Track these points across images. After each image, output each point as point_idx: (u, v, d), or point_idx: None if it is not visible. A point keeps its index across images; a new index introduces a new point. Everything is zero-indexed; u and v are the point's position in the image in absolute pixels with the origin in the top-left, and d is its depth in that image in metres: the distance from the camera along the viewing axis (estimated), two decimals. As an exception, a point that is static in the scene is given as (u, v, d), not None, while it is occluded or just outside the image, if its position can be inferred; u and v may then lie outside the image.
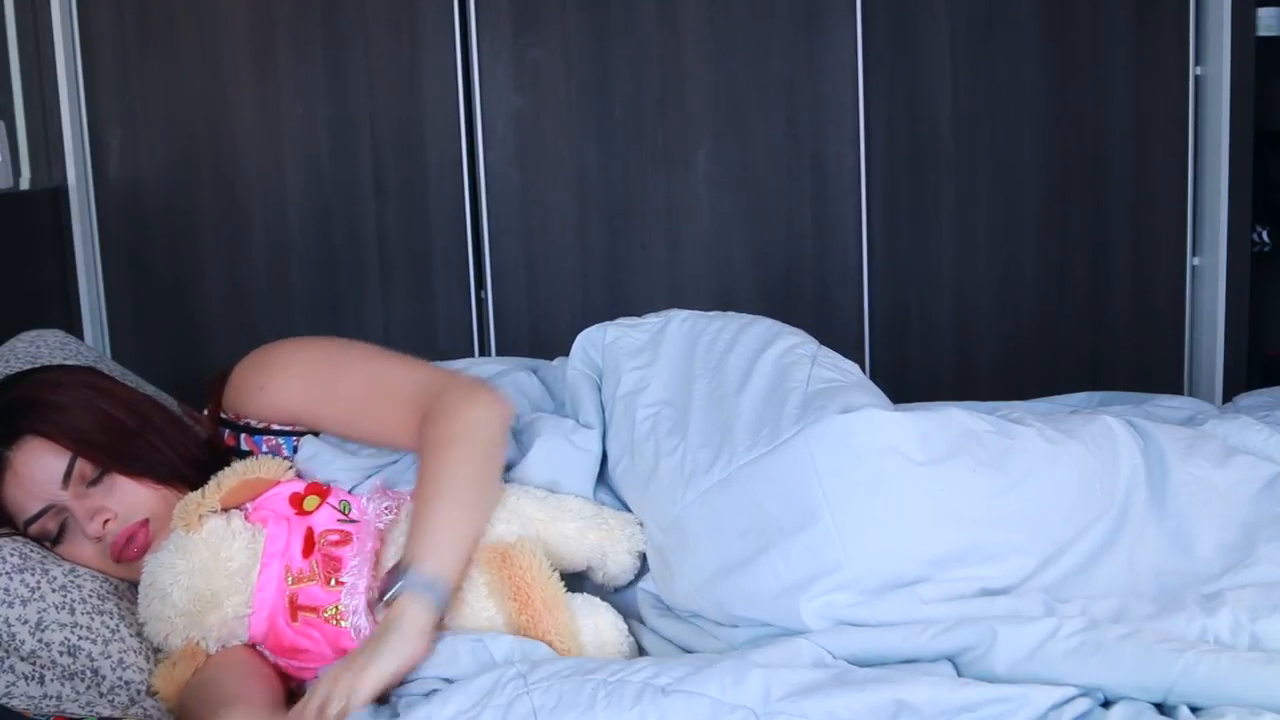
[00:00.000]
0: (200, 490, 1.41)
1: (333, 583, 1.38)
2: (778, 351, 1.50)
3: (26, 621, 1.32)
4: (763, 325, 1.57)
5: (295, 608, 1.39)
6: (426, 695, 1.25)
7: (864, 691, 1.11)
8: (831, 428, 1.33)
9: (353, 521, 1.42)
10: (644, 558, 1.47)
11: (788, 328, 1.60)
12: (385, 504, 1.43)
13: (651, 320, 1.62)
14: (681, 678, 1.14)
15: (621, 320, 1.64)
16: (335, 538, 1.40)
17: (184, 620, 1.38)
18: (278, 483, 1.45)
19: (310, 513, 1.42)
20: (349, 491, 1.48)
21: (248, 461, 1.46)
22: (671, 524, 1.40)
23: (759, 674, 1.12)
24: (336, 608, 1.37)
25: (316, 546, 1.40)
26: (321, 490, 1.45)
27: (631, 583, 1.48)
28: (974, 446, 1.36)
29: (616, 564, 1.44)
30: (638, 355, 1.56)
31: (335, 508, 1.43)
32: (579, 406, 1.58)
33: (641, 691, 1.12)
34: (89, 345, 2.08)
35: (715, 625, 1.35)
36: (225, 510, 1.42)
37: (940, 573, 1.28)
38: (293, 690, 1.41)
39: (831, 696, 1.10)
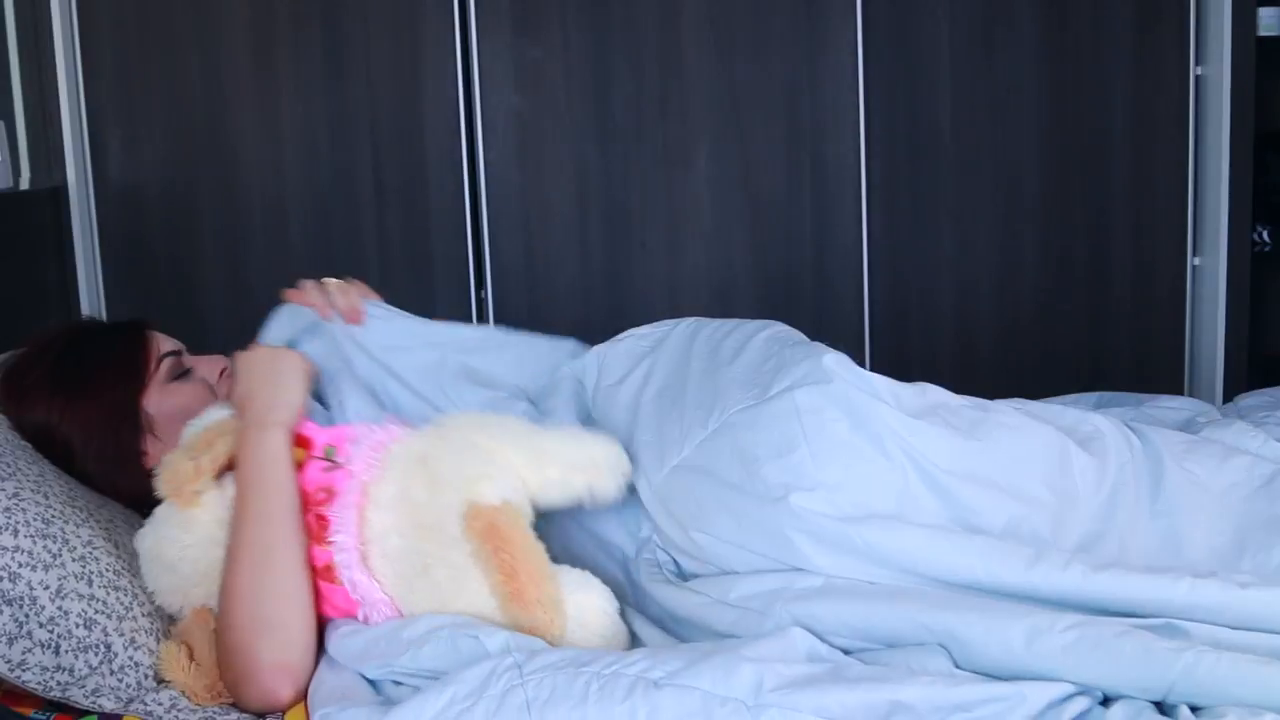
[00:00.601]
0: (191, 460, 1.41)
1: (326, 543, 1.38)
2: (771, 332, 1.56)
3: (48, 587, 1.32)
4: (759, 322, 1.61)
5: None
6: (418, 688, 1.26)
7: (857, 688, 1.11)
8: (813, 373, 1.40)
9: (338, 466, 1.42)
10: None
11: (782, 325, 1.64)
12: (375, 455, 1.41)
13: (660, 327, 1.66)
14: (674, 671, 1.14)
15: (631, 331, 1.68)
16: (323, 496, 1.40)
17: (199, 590, 1.41)
18: None
19: (299, 468, 1.42)
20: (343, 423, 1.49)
21: (227, 416, 1.47)
22: (672, 472, 1.43)
23: (750, 667, 1.13)
24: (330, 566, 1.37)
25: (309, 507, 1.40)
26: (304, 440, 1.45)
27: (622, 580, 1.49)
28: (946, 415, 1.41)
29: (604, 495, 1.45)
30: (642, 356, 1.61)
31: (321, 458, 1.43)
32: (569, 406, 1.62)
33: (634, 685, 1.13)
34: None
35: (713, 581, 1.36)
36: (218, 476, 1.43)
37: (915, 513, 1.32)
38: None
39: (825, 692, 1.11)
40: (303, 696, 1.32)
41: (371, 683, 1.31)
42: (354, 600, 1.37)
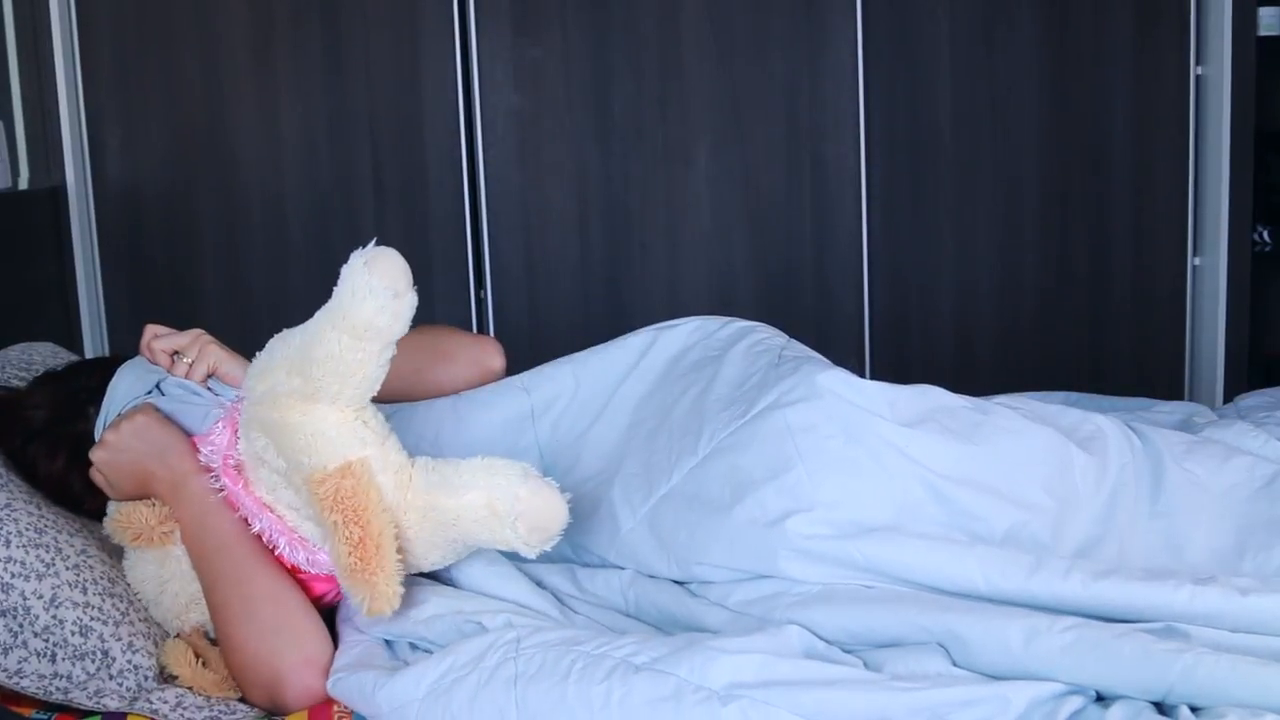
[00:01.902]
0: (150, 506, 1.43)
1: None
2: (750, 341, 1.54)
3: (41, 596, 1.33)
4: (736, 327, 1.60)
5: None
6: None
7: (835, 689, 1.12)
8: (800, 388, 1.39)
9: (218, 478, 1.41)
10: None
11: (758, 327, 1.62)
12: (226, 445, 1.40)
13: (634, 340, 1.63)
14: (658, 658, 1.16)
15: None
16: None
17: (191, 614, 1.43)
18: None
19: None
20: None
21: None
22: (661, 500, 1.42)
23: (730, 660, 1.14)
24: (280, 559, 1.39)
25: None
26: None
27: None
28: (945, 418, 1.40)
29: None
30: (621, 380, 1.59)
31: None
32: None
33: (615, 667, 1.16)
34: (79, 358, 2.08)
35: (712, 585, 1.36)
36: None
37: (916, 522, 1.31)
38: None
39: (804, 691, 1.11)
40: None
41: (389, 643, 1.35)
42: (323, 574, 1.38)
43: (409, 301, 1.26)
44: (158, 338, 1.54)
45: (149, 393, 1.50)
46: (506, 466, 1.29)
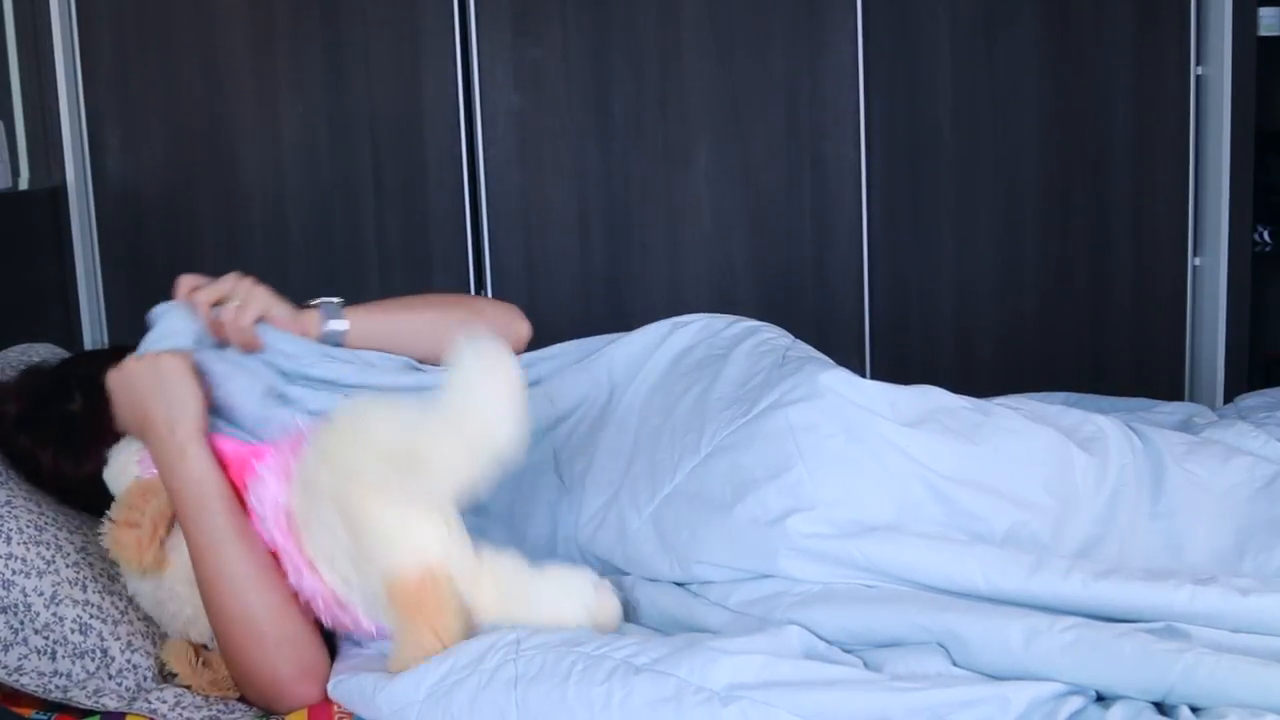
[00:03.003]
0: (133, 531, 1.36)
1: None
2: (755, 341, 1.55)
3: (42, 594, 1.33)
4: (743, 327, 1.60)
5: None
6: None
7: (835, 690, 1.12)
8: (801, 387, 1.40)
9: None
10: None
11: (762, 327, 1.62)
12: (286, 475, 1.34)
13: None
14: (658, 659, 1.17)
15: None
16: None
17: (193, 630, 1.41)
18: None
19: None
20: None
21: (134, 451, 1.41)
22: (664, 501, 1.42)
23: (731, 661, 1.15)
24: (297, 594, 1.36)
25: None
26: (219, 457, 1.36)
27: None
28: (945, 418, 1.41)
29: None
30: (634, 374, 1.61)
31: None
32: None
33: (615, 668, 1.16)
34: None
35: (712, 586, 1.36)
36: (169, 530, 1.38)
37: (916, 521, 1.31)
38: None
39: (804, 691, 1.12)
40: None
41: None
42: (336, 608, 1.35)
43: (522, 411, 1.23)
44: (197, 289, 1.42)
45: (196, 345, 1.40)
46: (579, 582, 1.32)
